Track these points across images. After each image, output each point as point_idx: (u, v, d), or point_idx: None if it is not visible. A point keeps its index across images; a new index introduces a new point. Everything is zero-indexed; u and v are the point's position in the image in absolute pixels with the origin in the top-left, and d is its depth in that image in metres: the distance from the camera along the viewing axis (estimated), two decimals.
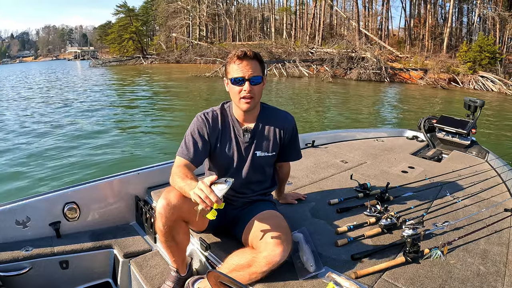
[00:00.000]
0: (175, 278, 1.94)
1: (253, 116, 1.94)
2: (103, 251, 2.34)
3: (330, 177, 2.95)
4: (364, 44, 29.32)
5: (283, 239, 1.58)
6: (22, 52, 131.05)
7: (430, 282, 1.60)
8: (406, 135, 4.55)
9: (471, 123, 3.94)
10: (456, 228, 2.08)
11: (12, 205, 2.17)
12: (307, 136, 3.97)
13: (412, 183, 2.80)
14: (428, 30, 34.92)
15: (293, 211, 2.29)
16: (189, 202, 1.73)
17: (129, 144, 8.25)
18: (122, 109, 13.29)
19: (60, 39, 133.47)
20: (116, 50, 51.38)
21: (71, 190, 2.38)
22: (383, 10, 39.75)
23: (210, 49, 38.03)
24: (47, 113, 12.20)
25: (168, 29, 50.27)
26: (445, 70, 24.51)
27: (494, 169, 3.27)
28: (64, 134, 9.03)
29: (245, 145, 1.92)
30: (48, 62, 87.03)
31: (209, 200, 1.40)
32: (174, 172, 1.76)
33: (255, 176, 1.97)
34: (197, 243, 2.04)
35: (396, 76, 26.16)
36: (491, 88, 22.16)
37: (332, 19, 45.12)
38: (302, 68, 27.84)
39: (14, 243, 2.14)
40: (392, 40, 38.42)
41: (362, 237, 1.96)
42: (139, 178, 2.66)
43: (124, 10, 50.94)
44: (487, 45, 23.76)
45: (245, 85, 1.76)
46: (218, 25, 51.85)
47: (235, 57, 1.78)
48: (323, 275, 1.62)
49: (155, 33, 63.68)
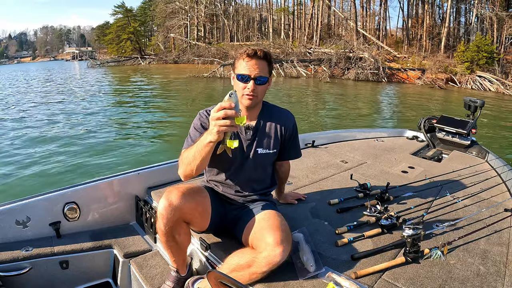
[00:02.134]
0: (175, 278, 1.94)
1: (255, 113, 1.95)
2: (103, 251, 2.33)
3: (330, 177, 2.95)
4: (362, 44, 29.32)
5: (283, 239, 1.58)
6: (20, 53, 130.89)
7: (430, 282, 1.60)
8: (406, 135, 4.55)
9: (471, 123, 3.94)
10: (456, 228, 2.08)
11: (12, 205, 2.16)
12: (307, 136, 3.96)
13: (412, 183, 2.80)
14: (426, 30, 35.00)
15: (293, 211, 2.29)
16: (190, 203, 1.74)
17: (129, 144, 8.25)
18: (121, 110, 13.28)
19: (58, 39, 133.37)
20: (114, 51, 51.29)
21: (71, 190, 2.37)
22: (381, 10, 39.80)
23: (208, 50, 38.04)
24: (46, 113, 12.18)
25: (166, 30, 50.24)
26: (442, 70, 24.58)
27: (494, 169, 3.27)
28: (64, 134, 9.02)
29: (247, 143, 1.93)
30: (46, 63, 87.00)
31: (230, 114, 1.46)
32: (181, 158, 1.78)
33: (256, 174, 1.98)
34: (197, 243, 2.04)
35: (393, 76, 26.22)
36: (489, 88, 22.23)
37: (330, 19, 45.17)
38: (300, 68, 27.86)
39: (14, 243, 2.14)
40: (390, 40, 38.52)
41: (362, 237, 1.96)
42: (139, 178, 2.66)
43: (122, 11, 50.90)
44: (485, 45, 23.83)
45: (249, 84, 1.78)
46: (216, 26, 51.79)
47: (244, 54, 1.80)
48: (323, 275, 1.62)
49: (153, 33, 63.64)
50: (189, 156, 1.70)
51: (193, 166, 1.69)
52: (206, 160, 1.69)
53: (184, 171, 1.76)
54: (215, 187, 2.01)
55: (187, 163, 1.71)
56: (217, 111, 1.49)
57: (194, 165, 1.69)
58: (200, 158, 1.65)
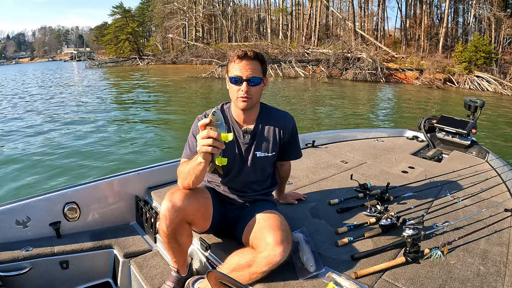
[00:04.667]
0: (175, 278, 1.94)
1: (253, 116, 1.93)
2: (103, 251, 2.33)
3: (330, 177, 2.96)
4: (360, 45, 29.28)
5: (283, 239, 1.58)
6: (18, 53, 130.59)
7: (430, 282, 1.60)
8: (406, 135, 4.55)
9: (471, 123, 3.94)
10: (456, 228, 2.08)
11: (12, 205, 2.16)
12: (307, 136, 3.96)
13: (412, 183, 2.80)
14: (424, 30, 35.03)
15: (293, 211, 2.29)
16: (193, 204, 1.74)
17: (129, 144, 8.24)
18: (120, 110, 13.25)
19: (56, 40, 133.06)
20: (112, 51, 51.30)
21: (71, 190, 2.37)
22: (379, 11, 39.90)
23: (206, 50, 38.04)
24: (45, 114, 12.15)
25: (164, 30, 50.28)
26: (440, 70, 24.59)
27: (494, 169, 3.28)
28: (64, 135, 9.00)
29: (245, 146, 1.92)
30: (44, 63, 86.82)
31: (213, 136, 1.47)
32: (178, 170, 1.79)
33: (256, 176, 1.97)
34: (198, 243, 2.04)
35: (391, 76, 26.23)
36: (487, 88, 22.25)
37: (328, 19, 45.28)
38: (298, 69, 27.88)
39: (14, 243, 2.13)
40: (388, 41, 38.55)
41: (362, 237, 1.96)
42: (139, 178, 2.66)
43: (120, 11, 50.95)
44: (483, 45, 23.83)
45: (242, 85, 1.76)
46: (214, 26, 51.80)
47: (235, 57, 1.78)
48: (323, 275, 1.62)
49: (151, 34, 63.70)
50: (185, 172, 1.71)
51: (189, 181, 1.71)
52: (202, 176, 1.70)
53: (182, 184, 1.77)
54: (216, 188, 2.01)
55: (184, 178, 1.73)
56: (200, 130, 1.51)
57: (190, 180, 1.70)
58: (194, 175, 1.67)
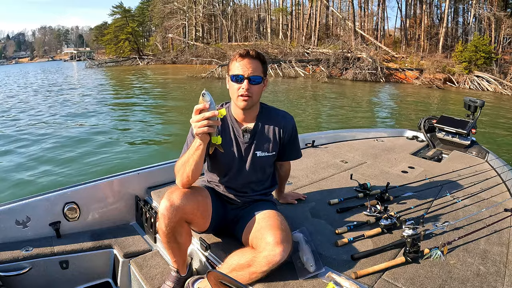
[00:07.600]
0: (175, 278, 1.94)
1: (253, 116, 1.93)
2: (103, 251, 2.33)
3: (330, 177, 2.95)
4: (360, 45, 29.31)
5: (283, 238, 1.58)
6: (18, 53, 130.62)
7: (430, 282, 1.60)
8: (406, 135, 4.55)
9: (471, 123, 3.94)
10: (456, 228, 2.08)
11: (12, 205, 2.16)
12: (307, 136, 3.96)
13: (412, 183, 2.80)
14: (424, 30, 35.07)
15: (293, 211, 2.29)
16: (192, 203, 1.74)
17: (129, 144, 8.23)
18: (120, 110, 13.26)
19: (56, 40, 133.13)
20: (112, 51, 51.33)
21: (71, 190, 2.37)
22: (379, 10, 39.97)
23: (206, 50, 37.97)
24: (45, 114, 12.15)
25: (164, 30, 50.35)
26: (440, 70, 24.59)
27: (494, 169, 3.27)
28: (63, 135, 8.99)
29: (245, 146, 1.91)
30: (44, 63, 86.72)
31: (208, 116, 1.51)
32: (176, 168, 1.79)
33: (256, 175, 1.97)
34: (197, 243, 2.04)
35: (391, 76, 26.25)
36: (487, 87, 22.27)
37: (328, 19, 45.32)
38: (298, 69, 27.88)
39: (14, 243, 2.13)
40: (388, 40, 38.59)
41: (362, 237, 1.96)
42: (139, 178, 2.66)
43: (120, 11, 51.03)
44: (483, 45, 23.86)
45: (243, 83, 1.76)
46: (214, 26, 51.81)
47: (237, 55, 1.79)
48: (323, 275, 1.62)
49: (151, 33, 63.76)
50: (183, 161, 1.72)
51: (188, 171, 1.71)
52: (200, 164, 1.70)
53: (181, 180, 1.77)
54: (216, 188, 2.01)
55: (182, 170, 1.73)
56: (194, 114, 1.53)
57: (189, 170, 1.70)
58: (194, 162, 1.67)
